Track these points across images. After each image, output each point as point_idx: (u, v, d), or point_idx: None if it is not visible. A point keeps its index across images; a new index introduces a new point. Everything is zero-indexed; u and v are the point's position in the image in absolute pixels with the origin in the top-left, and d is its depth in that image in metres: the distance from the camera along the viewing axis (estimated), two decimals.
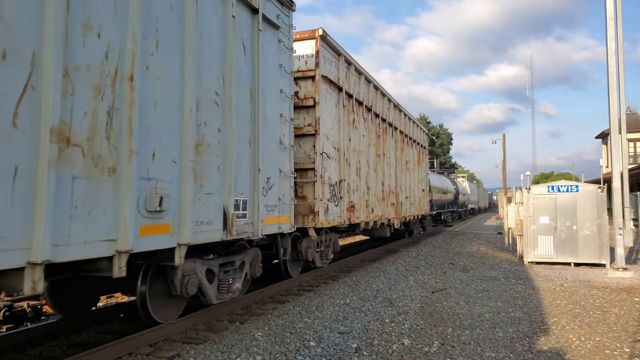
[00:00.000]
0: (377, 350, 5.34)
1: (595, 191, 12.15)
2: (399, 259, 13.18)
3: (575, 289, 9.16)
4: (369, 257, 13.23)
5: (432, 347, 5.50)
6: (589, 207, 12.11)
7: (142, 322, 5.55)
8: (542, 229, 12.48)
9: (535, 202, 12.63)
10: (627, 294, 8.68)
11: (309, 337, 5.78)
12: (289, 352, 5.23)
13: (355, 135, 11.05)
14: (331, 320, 6.57)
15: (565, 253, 12.27)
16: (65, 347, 5.38)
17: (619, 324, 6.62)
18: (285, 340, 5.60)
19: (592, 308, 7.56)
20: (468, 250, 16.22)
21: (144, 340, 5.16)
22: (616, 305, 7.71)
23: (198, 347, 5.26)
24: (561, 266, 12.14)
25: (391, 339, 5.77)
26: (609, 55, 11.11)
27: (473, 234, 23.29)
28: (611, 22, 11.09)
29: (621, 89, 11.18)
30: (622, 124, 11.47)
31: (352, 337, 5.84)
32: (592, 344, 5.71)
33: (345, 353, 5.24)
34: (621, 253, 10.89)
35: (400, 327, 6.31)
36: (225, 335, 5.72)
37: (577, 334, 6.12)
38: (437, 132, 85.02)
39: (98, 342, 5.44)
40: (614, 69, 11.06)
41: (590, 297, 8.34)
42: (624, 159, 11.39)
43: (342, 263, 11.51)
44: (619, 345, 5.67)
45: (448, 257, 14.24)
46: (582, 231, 12.10)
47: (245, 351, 5.16)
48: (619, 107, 11.17)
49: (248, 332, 5.86)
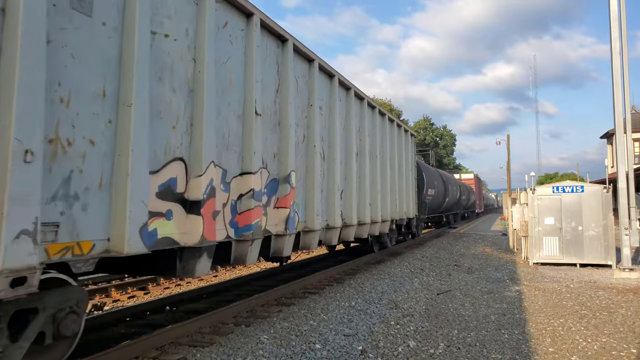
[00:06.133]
0: (382, 353, 5.34)
1: (600, 191, 12.10)
2: (403, 261, 13.16)
3: (581, 290, 9.12)
4: (373, 260, 13.22)
5: (438, 349, 5.49)
6: (595, 208, 12.06)
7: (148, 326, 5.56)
8: (547, 230, 12.43)
9: (540, 203, 12.59)
10: (634, 294, 8.63)
11: (314, 339, 5.78)
12: (295, 354, 5.23)
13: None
14: (336, 323, 6.58)
15: (571, 254, 12.21)
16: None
17: (626, 324, 6.59)
18: (290, 343, 5.61)
19: (598, 309, 7.52)
20: (473, 251, 16.17)
21: (151, 343, 5.18)
22: (623, 306, 7.67)
23: (204, 350, 5.27)
24: (567, 267, 12.09)
25: (397, 341, 5.77)
26: (613, 54, 11.08)
27: (478, 235, 23.23)
28: (615, 22, 11.06)
29: (626, 88, 11.13)
30: (627, 124, 11.41)
31: (358, 339, 5.84)
32: (598, 345, 5.69)
33: (350, 355, 5.24)
34: (627, 253, 10.83)
35: (406, 329, 6.30)
36: (231, 338, 5.73)
37: (583, 335, 6.10)
38: (441, 133, 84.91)
39: (104, 346, 5.46)
40: (619, 69, 11.03)
41: (596, 298, 8.30)
42: (629, 159, 11.34)
43: (346, 265, 11.50)
44: (626, 346, 5.64)
45: (453, 258, 14.21)
46: (588, 232, 12.05)
47: (250, 354, 5.17)
48: (623, 106, 11.12)
49: (254, 335, 5.87)
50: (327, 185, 9.07)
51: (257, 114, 6.36)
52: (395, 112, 60.78)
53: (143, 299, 8.99)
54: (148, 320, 6.79)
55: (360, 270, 11.32)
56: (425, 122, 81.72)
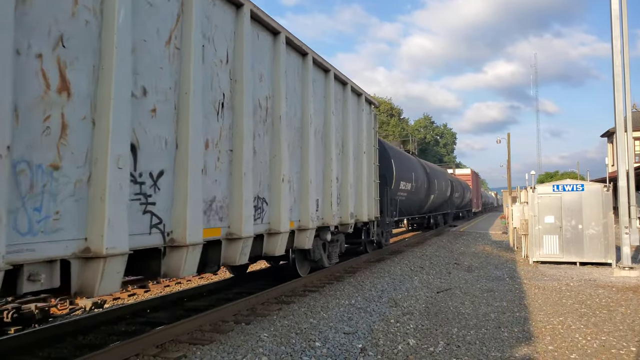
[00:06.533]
0: (382, 351, 5.35)
1: (600, 190, 12.10)
2: (403, 260, 13.17)
3: (581, 288, 9.13)
4: (373, 258, 13.24)
5: (438, 347, 5.50)
6: (595, 206, 12.05)
7: (148, 324, 5.58)
8: (548, 229, 12.44)
9: (541, 202, 12.59)
10: (634, 293, 8.64)
11: (314, 337, 5.79)
12: (295, 352, 5.25)
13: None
14: (336, 321, 6.59)
15: (571, 252, 12.22)
16: (72, 349, 5.42)
17: (625, 323, 6.60)
18: (290, 341, 5.62)
19: (598, 307, 7.53)
20: (473, 250, 16.18)
21: (151, 341, 5.19)
22: (622, 305, 7.68)
23: (204, 347, 5.28)
24: (567, 265, 12.10)
25: (396, 339, 5.78)
26: (614, 53, 11.06)
27: (478, 234, 23.24)
28: (616, 21, 11.04)
29: (627, 87, 11.13)
30: (628, 123, 11.41)
31: (358, 337, 5.85)
32: (598, 343, 5.70)
33: (350, 353, 5.26)
34: (627, 252, 10.84)
35: (406, 327, 6.31)
36: (231, 336, 5.75)
37: (583, 333, 6.11)
38: (441, 131, 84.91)
39: (105, 344, 5.48)
40: (620, 68, 11.02)
41: (596, 297, 8.31)
42: (629, 157, 11.34)
43: (346, 264, 11.51)
44: (625, 344, 5.65)
45: (453, 257, 14.22)
46: (588, 230, 12.05)
47: (251, 352, 5.19)
48: (624, 105, 11.12)
49: (254, 333, 5.88)
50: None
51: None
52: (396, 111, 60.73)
53: (143, 296, 9.01)
54: (148, 318, 6.81)
55: (360, 269, 11.33)
56: (426, 120, 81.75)
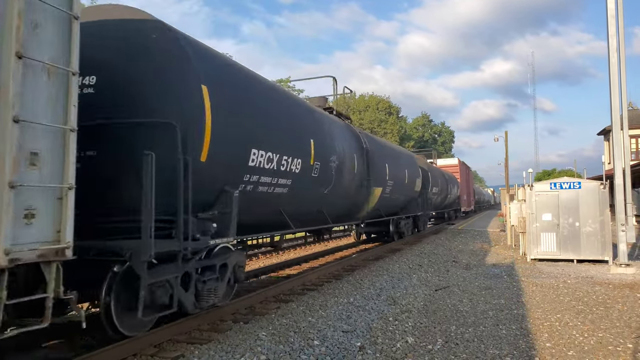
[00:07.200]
0: (381, 349, 5.36)
1: (597, 188, 12.14)
2: (402, 258, 13.19)
3: (578, 285, 9.17)
4: (372, 256, 13.26)
5: (436, 345, 5.52)
6: (592, 204, 12.09)
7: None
8: (545, 226, 12.47)
9: (538, 199, 12.62)
10: (630, 290, 8.68)
11: (312, 336, 5.80)
12: (293, 351, 5.25)
13: None
14: (335, 319, 6.60)
15: (568, 250, 12.26)
16: (70, 348, 5.41)
17: (622, 320, 6.63)
18: (289, 340, 5.63)
19: (595, 304, 7.57)
20: (471, 247, 16.22)
21: (148, 341, 5.19)
22: (619, 302, 7.72)
23: (202, 347, 5.29)
24: (564, 263, 12.14)
25: (395, 337, 5.79)
26: (610, 52, 11.10)
27: (476, 232, 23.29)
28: (612, 20, 11.07)
29: (623, 85, 11.18)
30: (624, 121, 11.45)
31: (356, 335, 5.87)
32: (595, 340, 5.73)
33: (349, 352, 5.27)
34: (624, 249, 10.89)
35: (404, 325, 6.33)
36: (230, 335, 5.75)
37: (580, 330, 6.14)
38: (439, 130, 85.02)
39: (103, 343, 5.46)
40: (616, 66, 11.06)
41: (593, 294, 8.35)
42: (626, 155, 11.38)
43: (345, 262, 11.52)
44: (622, 341, 5.68)
45: (451, 255, 14.25)
46: (585, 228, 12.09)
47: (249, 351, 5.19)
48: (620, 103, 11.16)
49: (252, 332, 5.88)
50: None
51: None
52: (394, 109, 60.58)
53: None
54: None
55: (358, 267, 11.35)
56: (424, 118, 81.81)
